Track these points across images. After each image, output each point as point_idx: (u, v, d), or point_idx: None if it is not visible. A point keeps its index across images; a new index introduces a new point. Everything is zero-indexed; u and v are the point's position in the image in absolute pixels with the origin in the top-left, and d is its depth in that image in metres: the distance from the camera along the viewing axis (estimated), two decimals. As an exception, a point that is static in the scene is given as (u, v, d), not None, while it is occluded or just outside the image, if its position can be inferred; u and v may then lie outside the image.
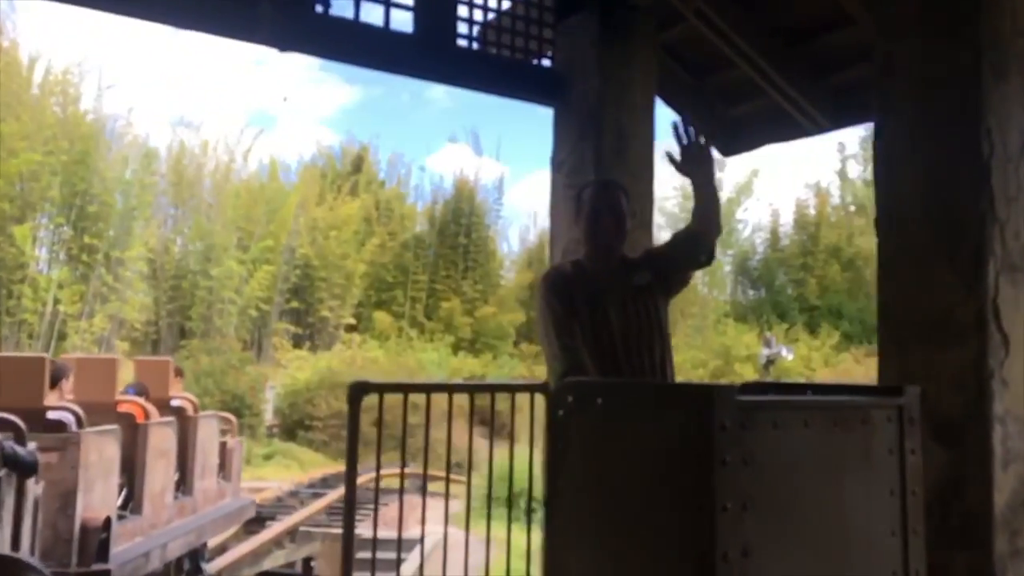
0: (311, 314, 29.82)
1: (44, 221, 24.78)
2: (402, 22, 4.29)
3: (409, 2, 4.27)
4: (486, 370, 25.62)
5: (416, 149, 66.52)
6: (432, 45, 4.30)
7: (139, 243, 25.82)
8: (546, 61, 4.74)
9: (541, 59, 4.72)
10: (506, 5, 4.63)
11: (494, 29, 4.53)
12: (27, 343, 22.15)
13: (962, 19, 2.88)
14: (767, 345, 20.30)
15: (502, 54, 4.54)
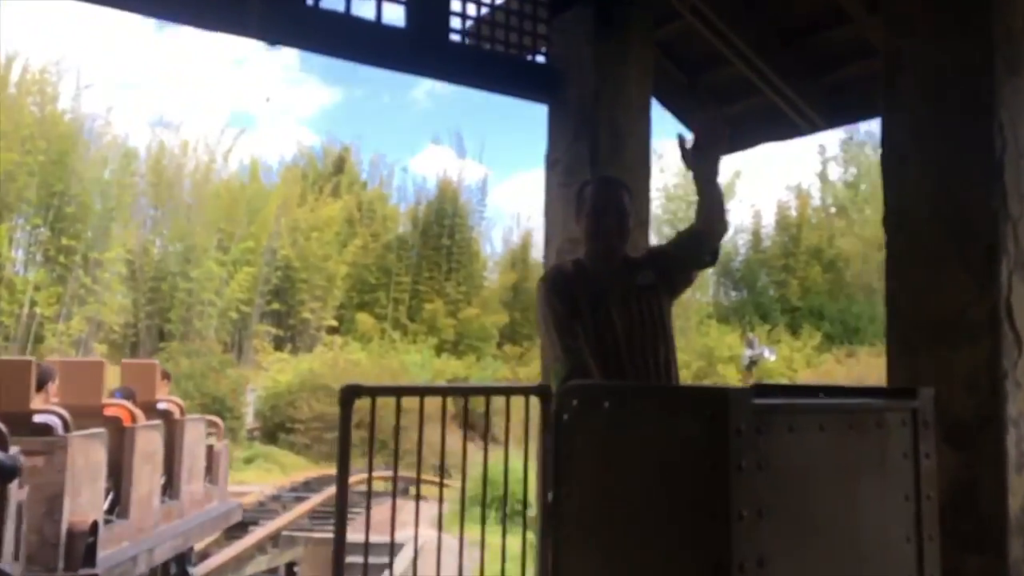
0: (292, 316, 29.63)
1: (21, 222, 24.58)
2: (394, 16, 4.20)
3: (401, -5, 4.18)
4: (469, 372, 25.52)
5: (398, 150, 66.33)
6: (424, 40, 4.20)
7: (118, 244, 25.66)
8: (540, 57, 4.64)
9: (535, 55, 4.62)
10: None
11: (487, 24, 4.43)
12: (3, 346, 21.87)
13: (973, 13, 2.81)
14: (750, 346, 20.40)
15: (496, 50, 4.43)
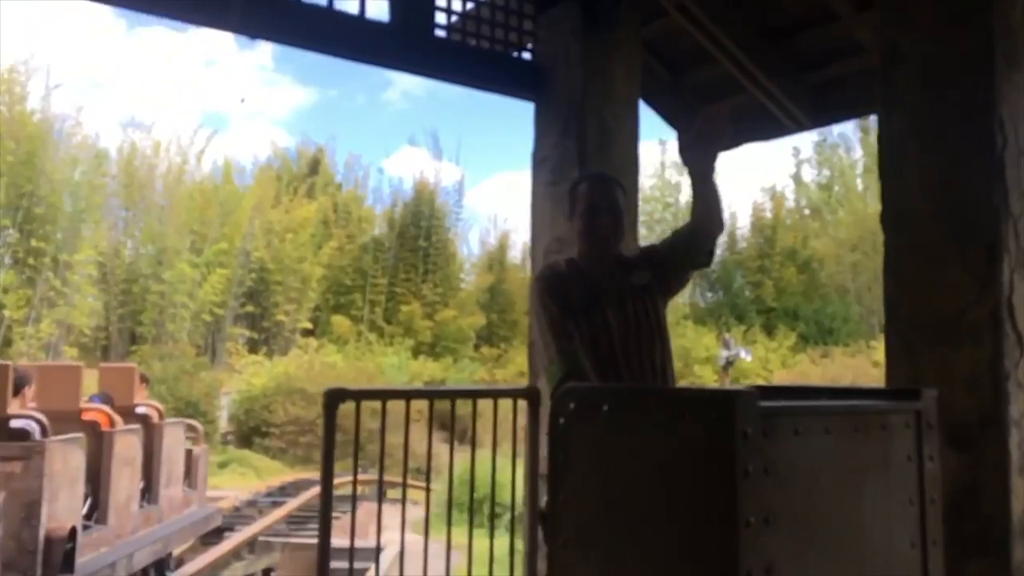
0: (267, 318, 29.33)
1: (-11, 224, 24.10)
2: (378, 10, 4.10)
3: (385, -11, 4.08)
4: (446, 374, 25.37)
5: (373, 151, 65.76)
6: (408, 35, 4.10)
7: (88, 246, 25.29)
8: (526, 54, 4.56)
9: (521, 51, 4.54)
10: (485, -6, 4.45)
11: (473, 19, 4.35)
12: (-30, 350, 21.45)
13: (972, 7, 2.77)
14: (726, 347, 20.48)
15: (481, 46, 4.35)
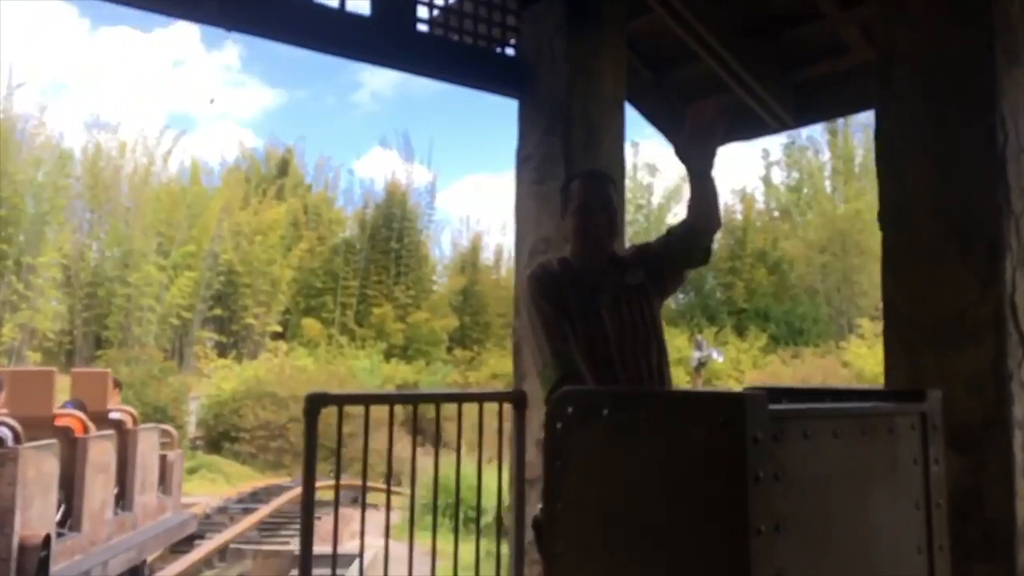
0: (235, 322, 28.94)
1: (-52, 226, 23.58)
2: (358, 3, 3.98)
3: (366, -18, 3.97)
4: (419, 377, 25.19)
5: (343, 153, 65.30)
6: (390, 29, 4.00)
7: (52, 249, 24.84)
8: (509, 50, 4.47)
9: (504, 47, 4.45)
10: (468, -12, 4.35)
11: (455, 14, 4.25)
12: (-71, 355, 20.96)
13: (972, 1, 2.73)
14: (698, 348, 20.55)
15: (464, 40, 4.25)
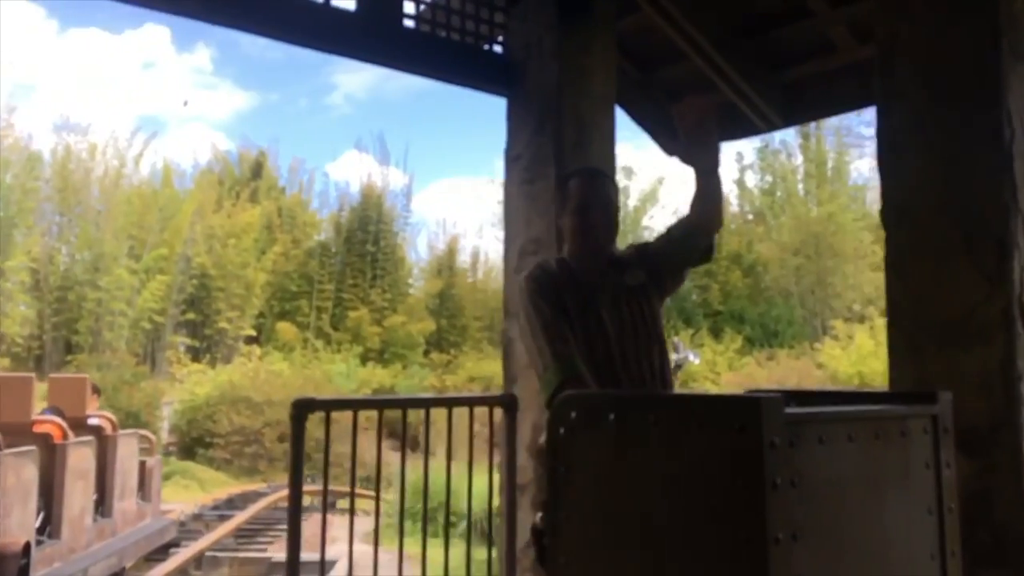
0: (209, 326, 28.59)
1: (-87, 230, 23.12)
2: (343, -3, 3.87)
3: (351, -24, 3.86)
4: (395, 381, 25.01)
5: (318, 156, 64.92)
6: (375, 24, 3.89)
7: (20, 252, 24.44)
8: (497, 47, 4.38)
9: (492, 44, 4.36)
10: (456, -16, 4.25)
11: (442, 10, 4.15)
12: None
13: (977, -5, 2.68)
14: (675, 350, 20.48)
15: (451, 37, 4.16)
